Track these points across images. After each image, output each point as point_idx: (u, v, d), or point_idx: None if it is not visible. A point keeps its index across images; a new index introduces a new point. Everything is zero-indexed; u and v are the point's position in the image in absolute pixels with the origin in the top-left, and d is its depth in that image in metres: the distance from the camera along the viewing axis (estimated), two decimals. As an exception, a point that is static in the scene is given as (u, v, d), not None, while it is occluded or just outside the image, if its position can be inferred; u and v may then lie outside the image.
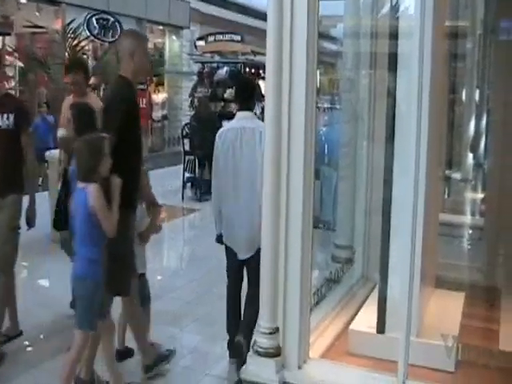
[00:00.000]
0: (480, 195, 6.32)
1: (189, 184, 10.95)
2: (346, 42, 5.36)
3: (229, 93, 12.42)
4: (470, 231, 5.52)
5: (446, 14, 4.79)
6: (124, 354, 4.42)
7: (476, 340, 3.63)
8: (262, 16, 3.46)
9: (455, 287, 4.37)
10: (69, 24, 11.72)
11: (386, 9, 4.41)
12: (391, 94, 3.77)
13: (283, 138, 3.15)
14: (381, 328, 3.54)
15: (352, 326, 3.70)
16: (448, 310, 3.90)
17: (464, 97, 7.59)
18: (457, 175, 7.31)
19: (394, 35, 3.84)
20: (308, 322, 3.33)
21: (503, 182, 4.93)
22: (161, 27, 17.53)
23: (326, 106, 8.67)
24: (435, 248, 4.24)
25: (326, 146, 5.38)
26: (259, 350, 3.23)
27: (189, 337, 5.12)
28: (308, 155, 3.19)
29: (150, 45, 16.87)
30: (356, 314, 3.93)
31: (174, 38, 17.96)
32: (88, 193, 3.44)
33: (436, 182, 4.17)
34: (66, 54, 10.98)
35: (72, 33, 11.42)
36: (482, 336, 3.88)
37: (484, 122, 6.87)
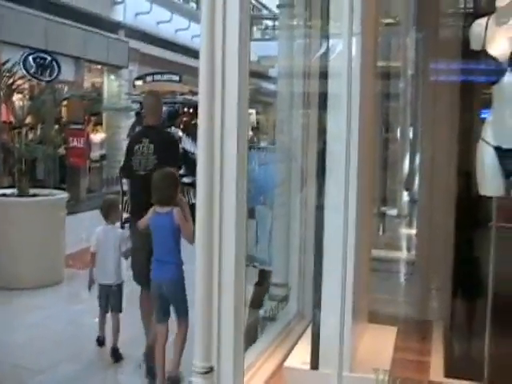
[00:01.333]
0: (414, 231, 6.48)
1: (127, 225, 10.81)
2: (280, 82, 5.49)
3: (167, 133, 12.45)
4: (404, 266, 5.65)
5: (376, 54, 4.98)
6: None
7: (407, 372, 3.71)
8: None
9: (389, 322, 4.45)
10: (4, 63, 11.56)
11: (318, 50, 4.56)
12: (322, 134, 3.87)
13: (215, 177, 3.18)
14: (314, 364, 3.56)
15: (286, 363, 3.72)
16: (381, 344, 3.96)
17: (398, 135, 7.84)
18: (393, 212, 7.51)
19: (324, 75, 3.96)
20: (243, 361, 3.33)
21: (433, 218, 5.09)
22: (99, 66, 17.48)
23: (263, 145, 8.79)
24: (368, 284, 4.32)
25: (262, 185, 5.43)
26: (193, 389, 3.20)
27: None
28: (240, 195, 3.23)
29: (88, 84, 16.80)
30: (291, 350, 3.94)
31: (112, 77, 17.92)
32: (174, 215, 4.37)
33: (368, 218, 4.26)
34: (1, 92, 10.79)
35: (7, 72, 11.24)
36: (414, 368, 3.97)
37: (418, 159, 7.08)
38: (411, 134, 7.57)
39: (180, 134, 12.05)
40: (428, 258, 5.12)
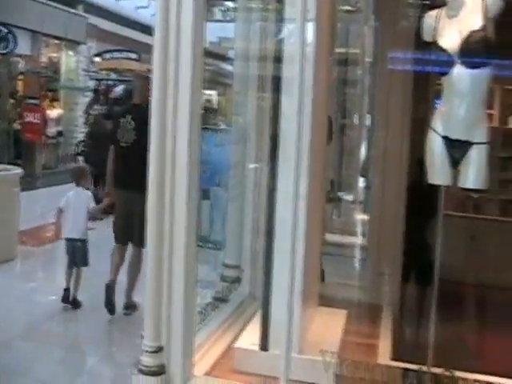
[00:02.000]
0: (368, 217, 6.56)
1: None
2: (236, 64, 5.48)
3: (125, 110, 12.29)
4: (357, 251, 5.73)
5: (332, 40, 5.01)
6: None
7: (355, 355, 3.78)
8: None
9: (341, 305, 4.53)
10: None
11: (274, 33, 4.56)
12: (276, 117, 3.89)
13: (167, 157, 3.19)
14: (264, 345, 3.62)
15: (237, 344, 3.76)
16: (331, 327, 4.04)
17: (356, 122, 7.92)
18: (349, 197, 7.60)
19: (278, 59, 3.97)
20: (192, 341, 3.36)
21: (384, 204, 5.19)
22: (57, 41, 17.14)
23: (222, 126, 8.75)
24: (318, 267, 4.39)
25: (218, 167, 5.44)
26: (143, 368, 3.23)
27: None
28: (193, 175, 3.25)
29: (45, 58, 16.46)
30: (242, 331, 3.99)
31: (70, 52, 17.60)
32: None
33: (320, 202, 4.32)
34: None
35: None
36: (362, 351, 4.05)
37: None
38: (369, 121, 7.64)
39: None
40: (379, 244, 5.22)
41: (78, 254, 5.82)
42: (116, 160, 5.70)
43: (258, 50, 4.93)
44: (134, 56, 15.37)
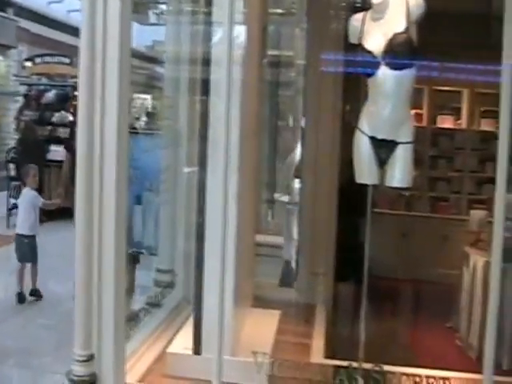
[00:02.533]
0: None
1: (14, 211, 10.44)
2: (167, 67, 5.45)
3: (57, 116, 12.04)
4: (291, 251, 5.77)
5: (262, 43, 5.03)
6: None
7: (288, 354, 3.80)
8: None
9: (274, 306, 4.55)
10: None
11: (202, 36, 4.56)
12: (205, 120, 3.88)
13: (95, 161, 3.13)
14: (197, 349, 3.60)
15: (169, 349, 3.73)
16: (264, 328, 4.05)
17: (291, 123, 7.96)
18: (285, 198, 7.64)
19: (208, 62, 3.97)
20: (124, 348, 3.31)
21: (316, 204, 5.24)
22: (-15, 46, 16.67)
23: (155, 130, 8.64)
24: (252, 269, 4.39)
25: (150, 171, 5.39)
26: (74, 378, 3.16)
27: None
28: (121, 180, 3.20)
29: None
30: (175, 336, 3.96)
31: (0, 57, 17.15)
32: None
33: (251, 204, 4.33)
34: None
35: None
36: (295, 350, 4.08)
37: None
38: (303, 123, 7.69)
39: (70, 118, 11.68)
40: (312, 244, 5.27)
41: (26, 250, 6.35)
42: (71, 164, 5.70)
43: (188, 53, 4.91)
44: (66, 60, 15.03)
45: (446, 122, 8.99)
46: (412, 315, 5.20)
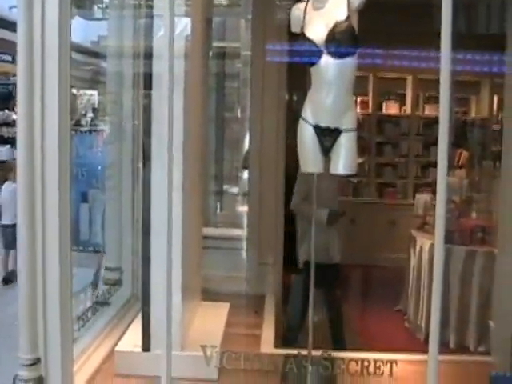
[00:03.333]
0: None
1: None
2: (110, 62, 5.36)
3: (0, 115, 11.77)
4: (239, 243, 5.76)
5: (206, 35, 4.99)
6: None
7: (238, 346, 3.80)
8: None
9: (224, 298, 4.55)
10: None
11: (143, 30, 4.49)
12: (148, 114, 3.83)
13: (36, 159, 3.06)
14: (146, 346, 3.57)
15: (118, 347, 3.69)
16: (214, 321, 4.04)
17: (239, 115, 7.95)
18: (234, 190, 7.63)
19: (150, 56, 3.92)
20: (71, 349, 3.25)
21: (263, 195, 5.26)
22: None
23: (101, 127, 8.51)
24: (200, 262, 4.38)
25: (96, 168, 5.31)
26: (20, 382, 3.09)
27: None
28: (63, 178, 3.14)
29: None
30: (124, 334, 3.92)
31: None
32: None
33: (197, 197, 4.30)
34: None
35: None
36: (245, 342, 4.09)
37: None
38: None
39: (14, 117, 11.41)
40: (259, 235, 5.29)
41: (10, 238, 6.92)
42: None
43: (131, 47, 4.84)
44: (7, 58, 14.70)
45: (391, 109, 9.12)
46: (361, 300, 5.28)
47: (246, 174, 7.68)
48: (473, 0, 9.09)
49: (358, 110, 9.14)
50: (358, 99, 9.18)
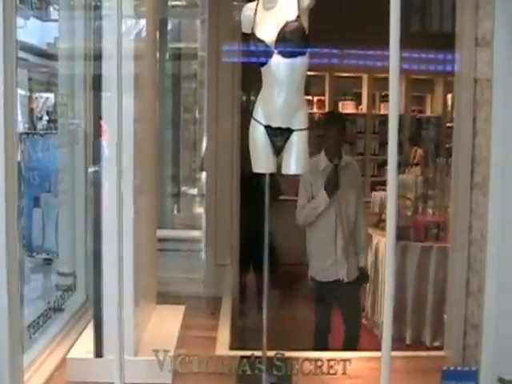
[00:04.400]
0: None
1: None
2: (61, 64, 5.28)
3: None
4: (196, 244, 5.73)
5: (161, 35, 4.93)
6: None
7: (193, 349, 3.77)
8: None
9: (180, 301, 4.51)
10: None
11: (93, 31, 4.43)
12: (99, 116, 3.78)
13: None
14: (98, 352, 3.51)
15: (70, 354, 3.62)
16: (168, 325, 4.01)
17: (197, 116, 7.92)
18: (193, 191, 7.60)
19: (99, 57, 3.86)
20: (21, 359, 3.17)
21: (218, 196, 5.24)
22: None
23: (54, 130, 8.37)
24: (154, 265, 4.33)
25: (48, 172, 5.23)
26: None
27: None
28: (10, 182, 3.06)
29: None
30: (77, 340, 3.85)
31: None
32: None
33: (151, 199, 4.26)
34: None
35: None
36: (200, 344, 4.06)
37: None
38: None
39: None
40: (216, 236, 5.27)
41: None
42: None
43: (82, 48, 4.78)
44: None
45: (347, 108, 9.21)
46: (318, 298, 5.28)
47: (204, 176, 7.68)
48: (426, -1, 9.27)
49: (315, 109, 9.23)
50: (315, 98, 9.26)
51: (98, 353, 3.51)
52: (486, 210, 3.35)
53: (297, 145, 3.51)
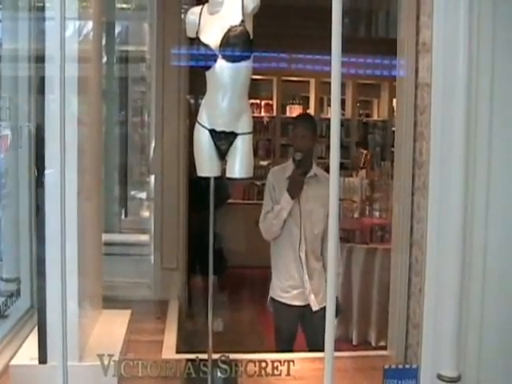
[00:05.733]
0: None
1: None
2: (3, 66, 5.19)
3: None
4: (143, 248, 5.72)
5: (110, 37, 4.89)
6: None
7: (139, 353, 3.77)
8: None
9: (127, 305, 4.49)
10: None
11: (37, 32, 4.38)
12: (42, 117, 3.73)
13: None
14: (43, 358, 3.46)
15: (13, 361, 3.56)
16: (114, 329, 3.99)
17: (146, 119, 7.89)
18: (141, 195, 7.57)
19: (43, 59, 3.81)
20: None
21: (165, 199, 5.23)
22: None
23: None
24: (100, 269, 4.30)
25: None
26: None
27: None
28: None
29: None
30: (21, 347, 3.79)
31: None
32: None
33: (96, 203, 4.23)
34: None
35: None
36: (146, 348, 4.06)
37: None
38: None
39: None
40: (163, 240, 5.26)
41: None
42: None
43: (26, 50, 4.71)
44: None
45: (295, 112, 9.30)
46: (265, 302, 5.33)
47: (152, 179, 7.65)
48: (373, 5, 9.43)
49: (263, 113, 9.30)
50: (263, 102, 9.33)
51: (42, 359, 3.46)
52: (425, 213, 3.44)
53: (241, 149, 3.54)
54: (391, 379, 3.32)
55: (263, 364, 3.29)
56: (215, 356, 3.43)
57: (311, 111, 9.24)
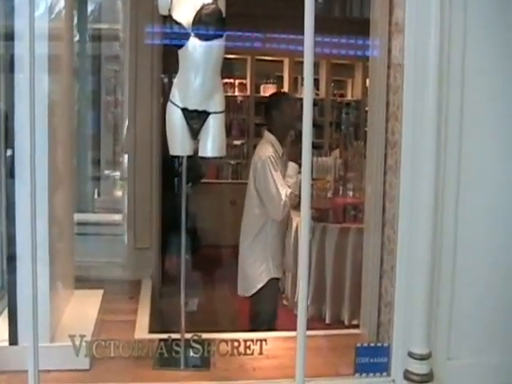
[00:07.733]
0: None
1: None
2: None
3: None
4: (116, 228, 5.69)
5: (82, 15, 4.80)
6: None
7: (111, 333, 3.76)
8: None
9: (99, 285, 4.46)
10: None
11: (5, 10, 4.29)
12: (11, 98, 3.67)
13: None
14: (13, 339, 3.43)
15: (-18, 343, 3.53)
16: (86, 310, 3.97)
17: (120, 98, 7.80)
18: (115, 174, 7.51)
19: (12, 37, 3.74)
20: None
21: (138, 178, 5.20)
22: None
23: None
24: (72, 249, 4.27)
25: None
26: None
27: None
28: None
29: None
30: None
31: None
32: None
33: (67, 182, 4.18)
34: None
35: None
36: (118, 328, 4.04)
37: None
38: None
39: None
40: (136, 219, 5.24)
41: None
42: None
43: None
44: None
45: (269, 91, 9.26)
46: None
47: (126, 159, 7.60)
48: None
49: (237, 92, 9.26)
50: (237, 81, 9.28)
51: (13, 340, 3.43)
52: (397, 192, 3.46)
53: (213, 128, 3.54)
54: (363, 357, 3.37)
55: (236, 343, 3.31)
56: (188, 336, 3.44)
57: (285, 91, 9.21)
